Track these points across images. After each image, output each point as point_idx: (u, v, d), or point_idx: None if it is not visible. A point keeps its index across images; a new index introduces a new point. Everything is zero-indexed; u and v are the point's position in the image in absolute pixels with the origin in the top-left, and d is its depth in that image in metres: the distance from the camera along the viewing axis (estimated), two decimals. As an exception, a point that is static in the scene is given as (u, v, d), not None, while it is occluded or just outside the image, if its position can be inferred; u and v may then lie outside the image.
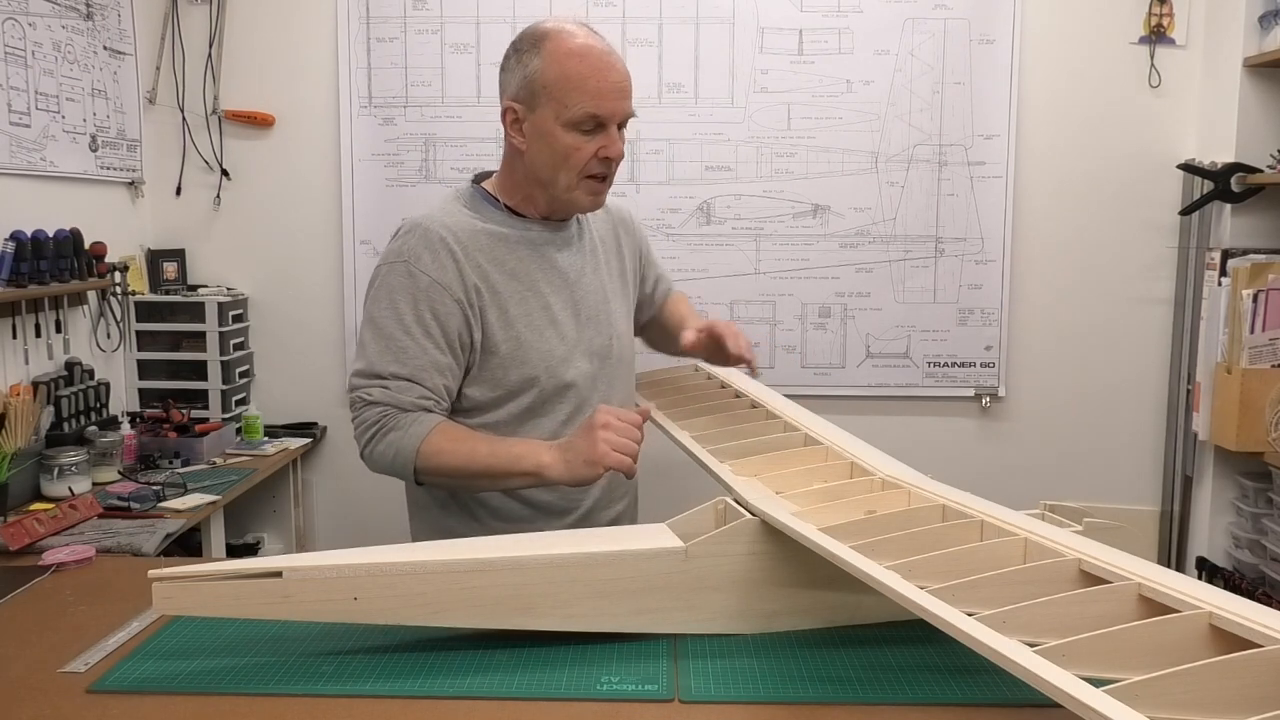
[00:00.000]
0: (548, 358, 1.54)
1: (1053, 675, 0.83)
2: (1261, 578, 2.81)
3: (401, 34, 3.09)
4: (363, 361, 1.50)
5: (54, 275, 2.49)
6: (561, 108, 1.46)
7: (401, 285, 1.49)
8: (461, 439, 1.46)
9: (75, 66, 2.72)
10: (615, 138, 1.50)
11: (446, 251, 1.49)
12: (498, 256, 1.53)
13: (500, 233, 1.55)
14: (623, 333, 1.69)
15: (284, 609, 1.12)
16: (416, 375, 1.47)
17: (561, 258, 1.59)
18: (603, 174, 1.52)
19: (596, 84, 1.46)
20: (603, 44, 1.50)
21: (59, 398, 2.53)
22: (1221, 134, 2.96)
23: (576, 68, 1.46)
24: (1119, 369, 3.18)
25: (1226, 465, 2.97)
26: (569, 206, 1.56)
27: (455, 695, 1.09)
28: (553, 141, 1.48)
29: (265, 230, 3.19)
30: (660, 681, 1.11)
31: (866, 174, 3.11)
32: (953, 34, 3.06)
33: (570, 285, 1.59)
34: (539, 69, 1.47)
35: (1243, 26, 2.85)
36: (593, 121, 1.47)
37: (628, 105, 1.51)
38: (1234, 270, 2.81)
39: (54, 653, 1.19)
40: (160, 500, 2.32)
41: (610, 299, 1.66)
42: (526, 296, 1.54)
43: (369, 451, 1.49)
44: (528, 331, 1.53)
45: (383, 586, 1.13)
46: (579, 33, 1.50)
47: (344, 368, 3.21)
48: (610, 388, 1.64)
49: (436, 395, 1.49)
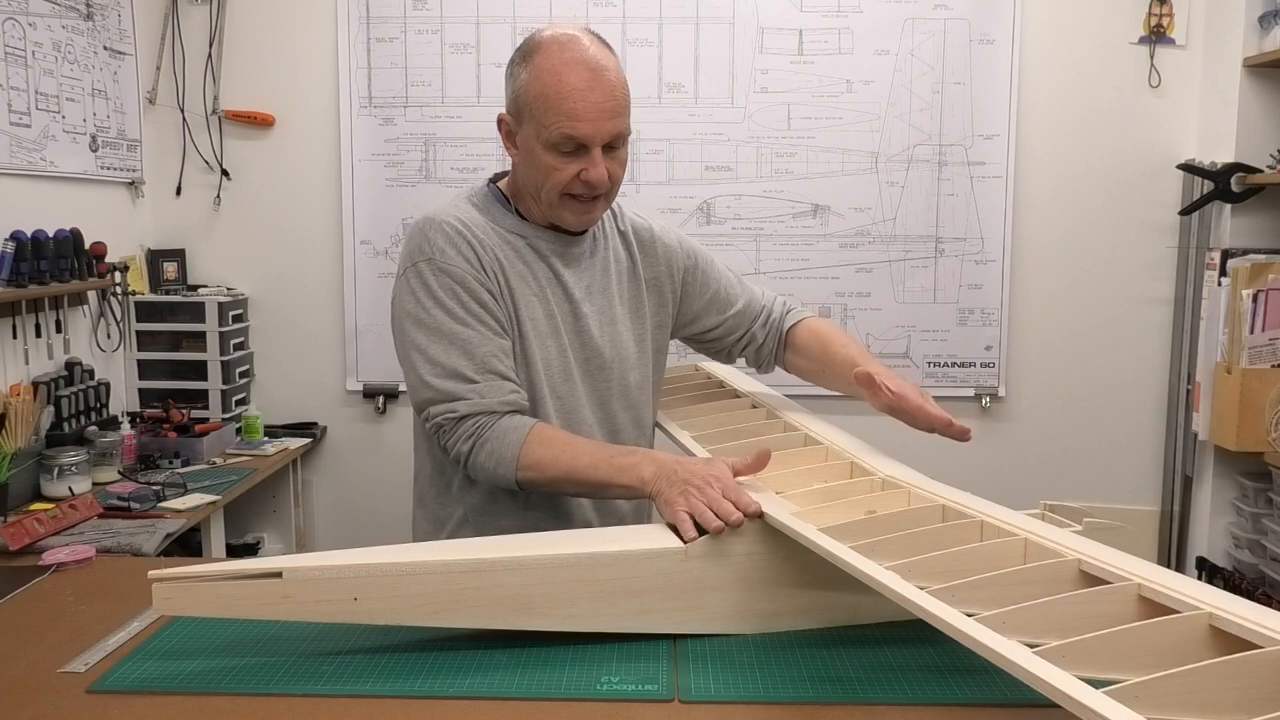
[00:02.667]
0: (546, 365, 1.52)
1: (1052, 676, 0.83)
2: (1261, 578, 2.81)
3: (401, 34, 3.09)
4: (431, 374, 1.42)
5: (54, 275, 2.49)
6: (541, 128, 1.42)
7: (436, 283, 1.44)
8: (560, 446, 1.40)
9: (75, 66, 2.73)
10: (597, 160, 1.43)
11: (464, 240, 1.46)
12: (509, 254, 1.51)
13: (509, 236, 1.52)
14: (628, 357, 1.60)
15: (284, 609, 1.11)
16: (492, 365, 1.42)
17: (568, 273, 1.55)
18: (587, 195, 1.47)
19: (573, 105, 1.39)
20: (596, 58, 1.42)
21: (59, 398, 2.53)
22: (1221, 134, 2.96)
23: (556, 87, 1.39)
24: (1119, 369, 3.18)
25: (1226, 465, 2.97)
26: (558, 223, 1.52)
27: (455, 695, 1.08)
28: (535, 159, 1.44)
29: (265, 230, 3.19)
30: (660, 681, 1.11)
31: (866, 174, 3.12)
32: (953, 34, 3.06)
33: (573, 301, 1.54)
34: (525, 84, 1.43)
35: (1243, 26, 2.85)
36: (571, 143, 1.42)
37: (614, 125, 1.43)
38: (1234, 270, 2.81)
39: (54, 653, 1.19)
40: (160, 500, 2.33)
41: (617, 322, 1.59)
42: (533, 300, 1.51)
43: (472, 464, 1.42)
44: (533, 334, 1.51)
45: (382, 587, 1.13)
46: (572, 46, 1.43)
47: (344, 368, 3.22)
48: (605, 412, 1.59)
49: (516, 382, 1.45)
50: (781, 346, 1.75)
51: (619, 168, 1.48)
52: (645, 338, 1.64)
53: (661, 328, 1.68)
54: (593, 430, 1.56)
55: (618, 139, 1.46)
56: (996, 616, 0.94)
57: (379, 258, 3.17)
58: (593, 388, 1.57)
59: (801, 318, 1.75)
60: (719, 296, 1.71)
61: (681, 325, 1.72)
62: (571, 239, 1.56)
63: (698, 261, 1.70)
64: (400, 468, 3.19)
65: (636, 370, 1.62)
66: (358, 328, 3.19)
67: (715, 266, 1.73)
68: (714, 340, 1.75)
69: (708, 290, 1.70)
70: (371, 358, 3.20)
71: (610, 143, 1.45)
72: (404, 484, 1.71)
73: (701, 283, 1.70)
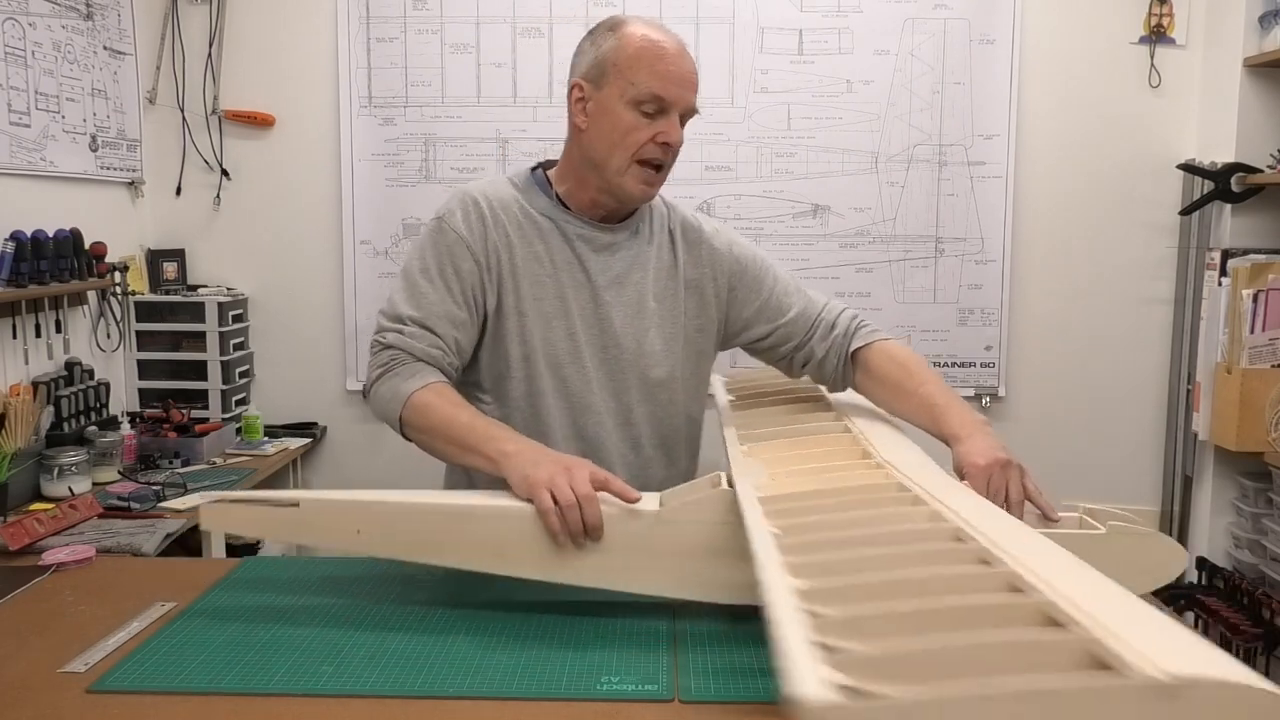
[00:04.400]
0: (550, 346, 1.54)
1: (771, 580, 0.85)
2: (1261, 578, 2.81)
3: (401, 34, 3.09)
4: (387, 305, 1.54)
5: (54, 275, 2.49)
6: (628, 85, 1.48)
7: (432, 239, 1.55)
8: (452, 402, 1.44)
9: (75, 66, 2.73)
10: (675, 124, 1.51)
11: (477, 213, 1.55)
12: (526, 234, 1.55)
13: (538, 217, 1.57)
14: (651, 352, 1.59)
15: (299, 533, 1.32)
16: (430, 322, 1.50)
17: (594, 259, 1.57)
18: (657, 162, 1.51)
19: (666, 67, 1.49)
20: (679, 39, 1.54)
21: (59, 398, 2.53)
22: (1221, 134, 2.96)
23: (651, 49, 1.49)
24: (1119, 369, 3.18)
25: (1226, 465, 2.97)
26: (618, 192, 1.53)
27: (455, 695, 1.09)
28: (614, 119, 1.50)
29: (265, 230, 3.19)
30: (660, 681, 1.11)
31: (866, 174, 3.12)
32: (953, 34, 3.06)
33: (594, 288, 1.56)
34: (613, 47, 1.51)
35: (1243, 26, 2.85)
36: (656, 103, 1.48)
37: (692, 98, 1.52)
38: (1234, 270, 2.81)
39: (54, 653, 1.19)
40: (160, 500, 2.32)
41: (645, 316, 1.59)
42: (544, 281, 1.55)
43: (373, 391, 1.50)
44: (535, 313, 1.54)
45: (382, 523, 1.29)
46: (658, 25, 1.55)
47: (344, 368, 3.22)
48: (620, 402, 1.59)
49: (446, 346, 1.51)
50: (850, 367, 1.64)
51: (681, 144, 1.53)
52: (678, 337, 1.62)
53: (703, 331, 1.65)
54: (602, 418, 1.57)
55: (688, 113, 1.53)
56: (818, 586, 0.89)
57: (379, 258, 3.17)
58: (608, 376, 1.58)
59: (873, 339, 1.63)
60: (769, 305, 1.65)
61: (734, 334, 1.68)
62: (607, 228, 1.58)
63: (747, 267, 1.65)
64: (400, 468, 3.21)
65: (662, 367, 1.60)
66: (358, 328, 3.19)
67: (770, 273, 1.67)
68: (768, 350, 1.69)
69: (758, 297, 1.65)
70: (371, 358, 3.20)
71: (684, 116, 1.52)
72: (404, 484, 1.71)
73: (751, 289, 1.65)
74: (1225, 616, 2.67)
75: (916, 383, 1.57)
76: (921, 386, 1.56)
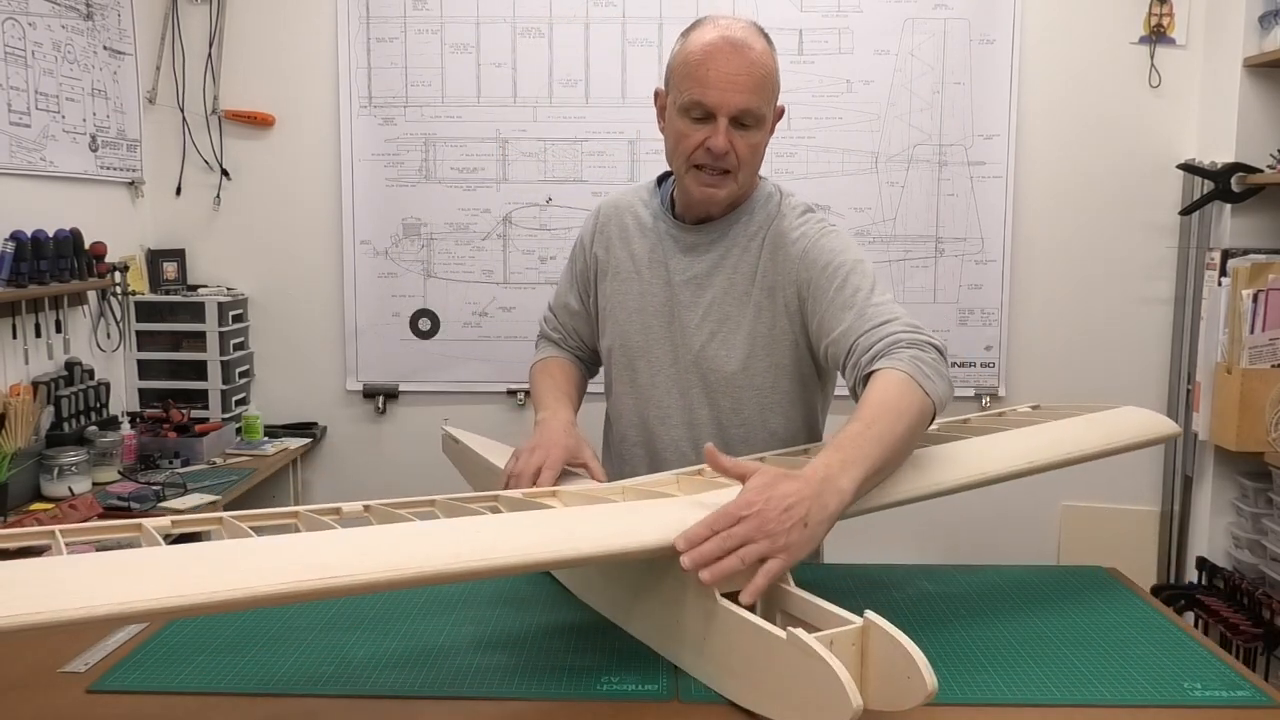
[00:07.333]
0: (626, 339, 1.65)
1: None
2: (1261, 578, 2.81)
3: (401, 34, 3.09)
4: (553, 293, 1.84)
5: (54, 275, 2.49)
6: (678, 93, 1.50)
7: (577, 240, 1.77)
8: (544, 372, 1.74)
9: (75, 66, 2.73)
10: (720, 130, 1.46)
11: (595, 219, 1.72)
12: (629, 235, 1.66)
13: (642, 219, 1.66)
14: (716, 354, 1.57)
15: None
16: (556, 310, 1.80)
17: (677, 260, 1.61)
18: (710, 166, 1.50)
19: (705, 73, 1.45)
20: (741, 37, 1.47)
21: (59, 398, 2.53)
22: (1221, 134, 2.96)
23: (696, 55, 1.47)
24: (1119, 369, 3.18)
25: (1226, 465, 2.97)
26: (685, 195, 1.58)
27: (455, 695, 1.09)
28: (673, 126, 1.53)
29: (265, 230, 3.19)
30: (660, 681, 1.11)
31: (866, 174, 3.12)
32: (953, 34, 3.06)
33: (672, 287, 1.60)
34: (675, 54, 1.53)
35: (1243, 26, 2.85)
36: (700, 109, 1.47)
37: (742, 99, 1.45)
38: (1234, 270, 2.81)
39: (54, 653, 1.19)
40: (160, 500, 2.33)
41: (720, 318, 1.57)
42: (629, 277, 1.65)
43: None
44: (616, 305, 1.66)
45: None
46: (724, 25, 1.49)
47: (344, 368, 3.22)
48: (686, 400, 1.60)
49: (564, 330, 1.79)
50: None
51: (747, 149, 1.49)
52: (746, 344, 1.57)
53: (780, 339, 1.57)
54: (667, 413, 1.63)
55: (746, 115, 1.47)
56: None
57: (379, 258, 3.17)
58: (677, 374, 1.62)
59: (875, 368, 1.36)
60: (824, 322, 1.50)
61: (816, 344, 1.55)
62: (698, 228, 1.61)
63: (814, 278, 1.52)
64: (400, 467, 3.21)
65: (724, 371, 1.57)
66: (358, 328, 3.19)
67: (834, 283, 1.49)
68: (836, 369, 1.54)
69: (818, 310, 1.51)
70: (371, 357, 3.20)
71: (739, 118, 1.46)
72: (404, 484, 1.72)
73: (814, 300, 1.52)
74: (1225, 616, 2.67)
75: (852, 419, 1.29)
76: (850, 423, 1.28)
